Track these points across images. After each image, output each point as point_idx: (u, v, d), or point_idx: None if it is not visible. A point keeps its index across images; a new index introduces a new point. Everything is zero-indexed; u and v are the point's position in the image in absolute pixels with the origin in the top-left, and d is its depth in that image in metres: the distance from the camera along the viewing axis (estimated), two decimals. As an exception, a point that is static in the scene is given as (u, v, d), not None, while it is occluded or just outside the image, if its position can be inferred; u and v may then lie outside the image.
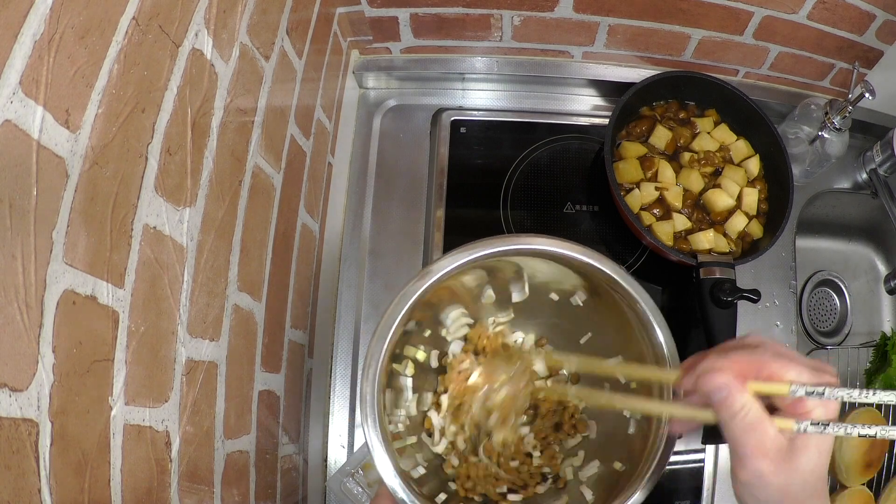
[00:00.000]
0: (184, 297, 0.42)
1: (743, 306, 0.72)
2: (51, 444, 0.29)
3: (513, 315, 0.60)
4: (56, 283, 0.29)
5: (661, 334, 0.50)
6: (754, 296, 0.71)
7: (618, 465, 0.52)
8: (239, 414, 0.52)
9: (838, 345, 0.97)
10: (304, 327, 0.70)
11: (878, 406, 0.82)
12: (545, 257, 0.52)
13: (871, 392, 0.36)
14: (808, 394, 0.37)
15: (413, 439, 0.53)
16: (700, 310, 0.72)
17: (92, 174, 0.32)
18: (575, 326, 0.59)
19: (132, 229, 0.36)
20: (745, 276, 0.82)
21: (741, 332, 0.73)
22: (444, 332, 0.58)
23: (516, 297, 0.59)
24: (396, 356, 0.55)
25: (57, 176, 0.29)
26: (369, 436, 0.44)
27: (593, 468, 0.55)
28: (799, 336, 0.86)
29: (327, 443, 0.74)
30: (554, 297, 0.59)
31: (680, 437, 0.48)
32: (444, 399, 0.56)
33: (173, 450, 0.41)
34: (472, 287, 0.58)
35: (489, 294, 0.58)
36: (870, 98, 0.74)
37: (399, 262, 0.79)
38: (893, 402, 0.36)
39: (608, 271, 0.50)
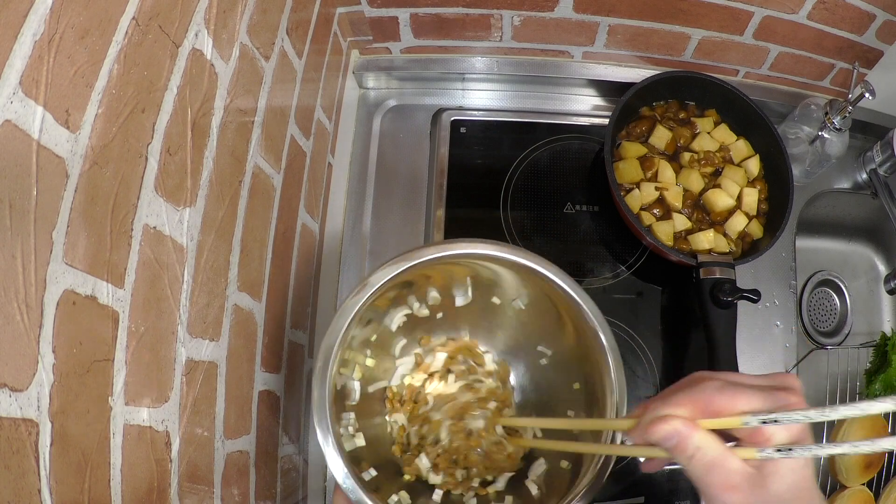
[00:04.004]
0: (184, 297, 0.42)
1: (743, 306, 0.72)
2: (51, 444, 0.29)
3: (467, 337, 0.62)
4: (56, 283, 0.29)
5: (604, 337, 0.51)
6: (754, 296, 0.71)
7: (564, 464, 0.53)
8: (239, 414, 0.52)
9: (838, 345, 0.97)
10: (304, 327, 0.70)
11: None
12: (486, 261, 0.52)
13: (830, 410, 0.32)
14: (764, 423, 0.34)
15: (362, 441, 0.54)
16: (700, 310, 0.73)
17: (92, 174, 0.32)
18: (517, 330, 0.60)
19: (132, 229, 0.36)
20: (745, 276, 0.82)
21: (741, 333, 0.73)
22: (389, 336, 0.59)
23: (459, 302, 0.59)
24: (344, 361, 0.55)
25: (57, 176, 0.29)
26: (323, 441, 0.44)
27: (541, 466, 0.55)
28: (799, 336, 0.86)
29: (327, 443, 0.74)
30: (496, 300, 0.59)
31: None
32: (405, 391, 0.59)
33: (173, 450, 0.41)
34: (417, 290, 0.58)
35: (433, 296, 0.58)
36: (870, 98, 0.74)
37: (399, 262, 0.79)
38: (854, 416, 0.31)
39: (550, 275, 0.51)
